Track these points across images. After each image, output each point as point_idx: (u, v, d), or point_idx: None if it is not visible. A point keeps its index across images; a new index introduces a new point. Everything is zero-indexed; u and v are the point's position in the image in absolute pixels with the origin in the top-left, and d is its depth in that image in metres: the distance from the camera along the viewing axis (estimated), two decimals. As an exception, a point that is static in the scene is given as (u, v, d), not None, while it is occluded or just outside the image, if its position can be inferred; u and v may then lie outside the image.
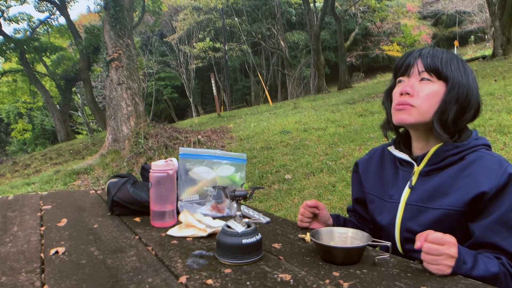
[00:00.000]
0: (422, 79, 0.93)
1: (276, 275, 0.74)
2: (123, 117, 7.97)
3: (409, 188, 0.97)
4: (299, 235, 0.98)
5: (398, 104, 0.95)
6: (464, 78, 0.92)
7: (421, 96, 0.93)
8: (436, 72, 0.92)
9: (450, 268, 0.73)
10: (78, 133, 23.12)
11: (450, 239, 0.74)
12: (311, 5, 16.96)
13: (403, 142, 1.05)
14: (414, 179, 0.97)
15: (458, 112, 0.92)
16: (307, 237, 0.94)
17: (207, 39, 20.91)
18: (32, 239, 1.01)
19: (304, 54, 22.71)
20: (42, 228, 1.12)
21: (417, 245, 0.75)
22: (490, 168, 0.87)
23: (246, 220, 0.87)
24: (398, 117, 0.96)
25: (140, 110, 8.24)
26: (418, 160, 0.97)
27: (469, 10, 22.08)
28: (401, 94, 0.95)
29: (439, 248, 0.73)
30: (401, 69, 0.97)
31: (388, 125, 1.06)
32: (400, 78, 0.98)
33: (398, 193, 1.00)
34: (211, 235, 1.00)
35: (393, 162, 1.05)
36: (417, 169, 0.97)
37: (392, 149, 1.04)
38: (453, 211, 0.88)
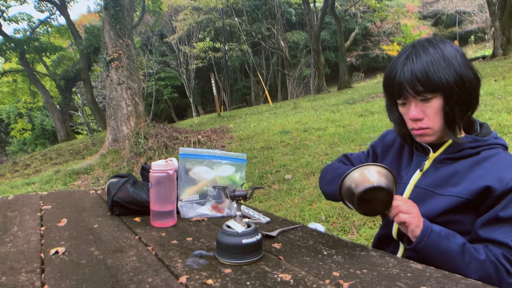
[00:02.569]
0: (421, 100, 0.93)
1: (276, 275, 0.74)
2: (123, 117, 7.97)
3: (420, 171, 1.00)
4: None
5: (416, 130, 0.97)
6: (453, 75, 0.89)
7: (430, 116, 0.93)
8: (430, 90, 0.90)
9: (420, 220, 0.86)
10: (78, 133, 23.13)
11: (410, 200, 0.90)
12: (311, 5, 16.96)
13: None
14: (427, 164, 0.99)
15: (462, 109, 0.93)
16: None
17: (207, 39, 20.91)
18: (32, 239, 1.01)
19: (304, 54, 22.72)
20: (42, 228, 1.12)
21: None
22: (505, 167, 0.89)
23: (246, 220, 0.87)
24: (421, 140, 0.99)
25: (140, 110, 8.24)
26: (436, 147, 0.99)
27: (469, 10, 22.11)
28: (412, 120, 0.96)
29: (406, 202, 0.88)
30: (393, 92, 0.95)
31: (403, 134, 1.06)
32: (399, 100, 0.97)
33: (408, 175, 1.02)
34: (212, 236, 1.00)
35: (411, 147, 1.08)
36: (432, 155, 0.99)
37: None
38: (460, 199, 0.89)
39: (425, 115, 0.93)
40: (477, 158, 0.92)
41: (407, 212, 0.86)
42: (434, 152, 0.99)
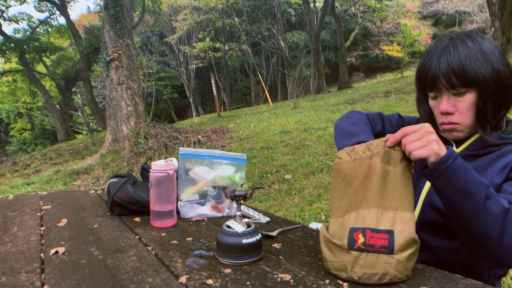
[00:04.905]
0: (454, 93, 0.90)
1: (276, 275, 0.73)
2: (123, 117, 7.97)
3: None
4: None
5: (445, 125, 0.94)
6: (490, 71, 0.87)
7: (462, 111, 0.90)
8: (465, 84, 0.88)
9: (436, 143, 0.74)
10: (78, 133, 23.12)
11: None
12: (311, 5, 16.96)
13: None
14: None
15: (496, 107, 0.90)
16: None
17: (207, 39, 20.91)
18: (32, 239, 1.01)
19: (304, 54, 22.72)
20: (42, 228, 1.11)
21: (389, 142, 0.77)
22: None
23: (246, 220, 0.87)
24: (450, 136, 0.96)
25: (140, 110, 8.24)
26: (459, 142, 0.97)
27: (469, 10, 22.09)
28: (442, 114, 0.93)
29: (415, 128, 0.76)
30: (427, 83, 0.92)
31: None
32: (430, 93, 0.95)
33: None
34: (212, 236, 1.00)
35: None
36: (455, 150, 0.97)
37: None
38: None
39: (457, 110, 0.91)
40: (498, 153, 0.90)
41: (421, 146, 0.75)
42: (457, 147, 0.97)
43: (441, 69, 0.88)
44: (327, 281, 0.70)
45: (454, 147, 0.96)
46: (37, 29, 16.75)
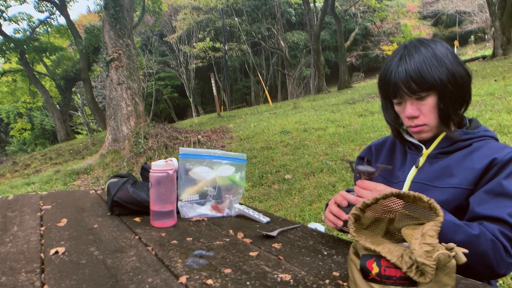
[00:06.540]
0: (416, 98, 0.95)
1: (276, 275, 0.73)
2: (123, 117, 7.97)
3: (416, 167, 1.01)
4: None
5: (413, 128, 1.00)
6: (446, 73, 0.92)
7: (426, 113, 0.96)
8: (425, 88, 0.93)
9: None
10: (78, 133, 23.13)
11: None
12: (311, 5, 16.96)
13: None
14: (421, 160, 1.01)
15: (456, 104, 0.96)
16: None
17: (207, 39, 20.91)
18: (32, 239, 1.01)
19: (304, 54, 22.73)
20: (42, 228, 1.11)
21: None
22: (497, 147, 0.92)
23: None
24: (418, 136, 1.02)
25: (140, 110, 8.25)
26: (428, 144, 1.02)
27: (469, 10, 22.11)
28: (408, 118, 0.98)
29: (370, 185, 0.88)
30: (389, 92, 0.98)
31: (398, 133, 1.08)
32: (394, 100, 1.00)
33: (404, 174, 1.03)
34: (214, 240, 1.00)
35: (404, 147, 1.09)
36: (425, 152, 1.01)
37: (403, 133, 1.09)
38: (461, 190, 0.90)
39: (421, 113, 0.96)
40: (469, 149, 0.95)
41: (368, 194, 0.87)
42: (426, 148, 1.01)
43: (401, 78, 0.93)
44: (327, 281, 0.70)
45: (424, 149, 1.02)
46: (37, 29, 16.76)
